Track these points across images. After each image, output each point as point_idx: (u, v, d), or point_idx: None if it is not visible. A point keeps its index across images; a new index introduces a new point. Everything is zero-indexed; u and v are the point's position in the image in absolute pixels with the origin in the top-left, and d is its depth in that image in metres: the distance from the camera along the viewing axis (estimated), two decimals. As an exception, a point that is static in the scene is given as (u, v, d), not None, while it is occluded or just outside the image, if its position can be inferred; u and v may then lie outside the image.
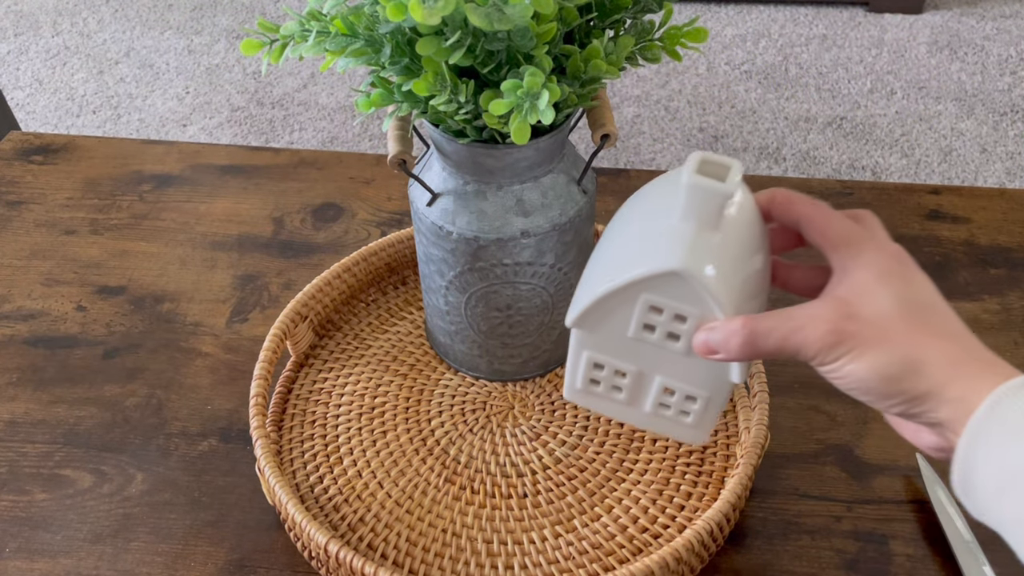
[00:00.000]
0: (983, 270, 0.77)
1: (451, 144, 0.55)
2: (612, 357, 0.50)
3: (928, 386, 0.39)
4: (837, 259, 0.43)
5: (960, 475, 0.39)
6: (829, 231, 0.44)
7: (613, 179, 0.87)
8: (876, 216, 0.45)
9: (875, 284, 0.41)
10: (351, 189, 0.87)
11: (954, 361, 0.39)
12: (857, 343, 0.40)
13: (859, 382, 0.40)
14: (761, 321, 0.42)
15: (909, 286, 0.42)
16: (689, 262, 0.42)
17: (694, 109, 2.02)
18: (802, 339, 0.41)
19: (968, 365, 0.39)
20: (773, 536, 0.59)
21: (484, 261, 0.58)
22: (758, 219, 0.47)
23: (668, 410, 0.51)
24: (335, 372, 0.68)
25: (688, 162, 0.43)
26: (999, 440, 0.37)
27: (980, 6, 2.30)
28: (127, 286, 0.77)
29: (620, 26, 0.53)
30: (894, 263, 0.42)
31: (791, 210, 0.46)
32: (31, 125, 2.05)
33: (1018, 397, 0.37)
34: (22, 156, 0.92)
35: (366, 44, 0.49)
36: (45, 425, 0.67)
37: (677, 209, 0.43)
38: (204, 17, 2.39)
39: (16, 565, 0.58)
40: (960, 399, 0.38)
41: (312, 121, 2.02)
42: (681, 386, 0.49)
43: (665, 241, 0.44)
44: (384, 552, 0.57)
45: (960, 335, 0.41)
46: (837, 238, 0.43)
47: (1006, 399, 0.37)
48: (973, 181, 1.81)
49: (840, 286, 0.42)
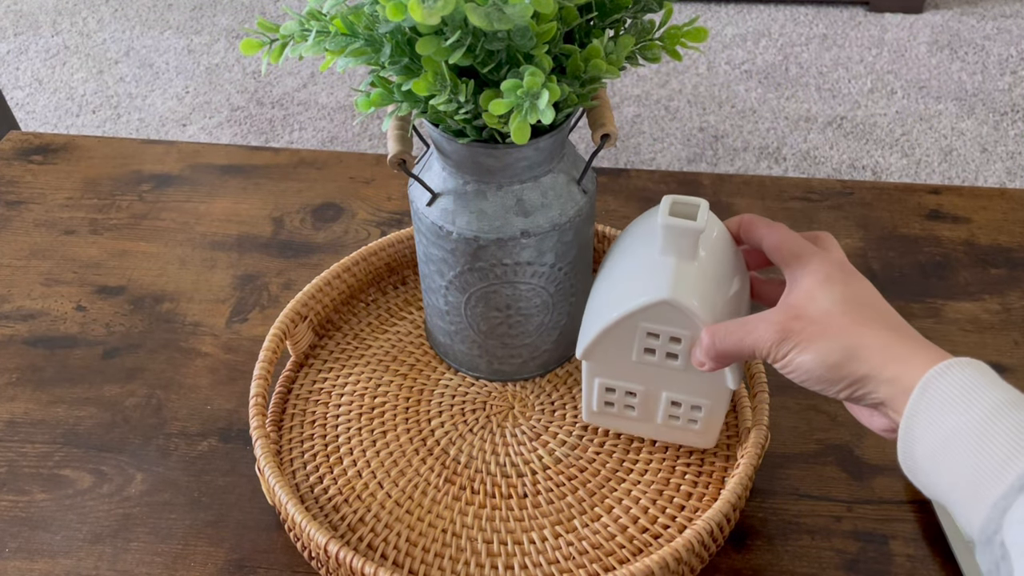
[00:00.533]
0: (983, 270, 0.77)
1: (451, 144, 0.54)
2: (621, 380, 0.57)
3: (866, 369, 0.44)
4: (789, 272, 0.50)
5: (903, 453, 0.43)
6: (783, 248, 0.51)
7: (613, 179, 0.87)
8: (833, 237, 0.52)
9: (818, 288, 0.47)
10: (351, 189, 0.87)
11: (888, 345, 0.44)
12: (802, 338, 0.46)
13: (807, 372, 0.46)
14: (720, 327, 0.49)
15: (848, 287, 0.48)
16: (674, 291, 0.50)
17: (694, 109, 2.02)
18: (755, 339, 0.47)
19: (900, 347, 0.44)
20: (773, 536, 0.59)
21: (484, 261, 0.58)
22: (730, 244, 0.55)
23: (677, 421, 0.59)
24: (335, 372, 0.68)
25: (661, 205, 0.50)
26: (932, 416, 0.41)
27: (980, 6, 2.30)
28: (127, 286, 0.77)
29: (620, 26, 0.53)
30: (836, 270, 0.48)
31: (754, 233, 0.53)
32: (31, 125, 2.05)
33: (945, 376, 0.42)
34: (22, 156, 0.92)
35: (366, 44, 0.49)
36: (45, 425, 0.67)
37: (657, 247, 0.51)
38: (204, 17, 2.39)
39: (16, 565, 0.58)
40: (895, 379, 0.43)
41: (312, 121, 2.02)
42: (685, 398, 0.57)
43: (652, 276, 0.51)
44: (384, 552, 0.57)
45: (897, 326, 0.46)
46: (789, 254, 0.50)
47: (936, 379, 0.42)
48: (973, 181, 1.81)
49: (791, 294, 0.49)
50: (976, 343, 0.70)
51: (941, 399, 0.41)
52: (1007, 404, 0.40)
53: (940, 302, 0.74)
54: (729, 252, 0.54)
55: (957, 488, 0.40)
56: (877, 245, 0.79)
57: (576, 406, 0.65)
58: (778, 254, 0.51)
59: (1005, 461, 0.38)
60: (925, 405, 0.42)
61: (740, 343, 0.48)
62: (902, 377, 0.43)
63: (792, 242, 0.51)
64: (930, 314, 0.73)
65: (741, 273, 0.55)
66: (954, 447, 0.40)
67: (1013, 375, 0.68)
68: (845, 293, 0.47)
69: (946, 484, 0.41)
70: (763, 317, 0.48)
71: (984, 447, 0.39)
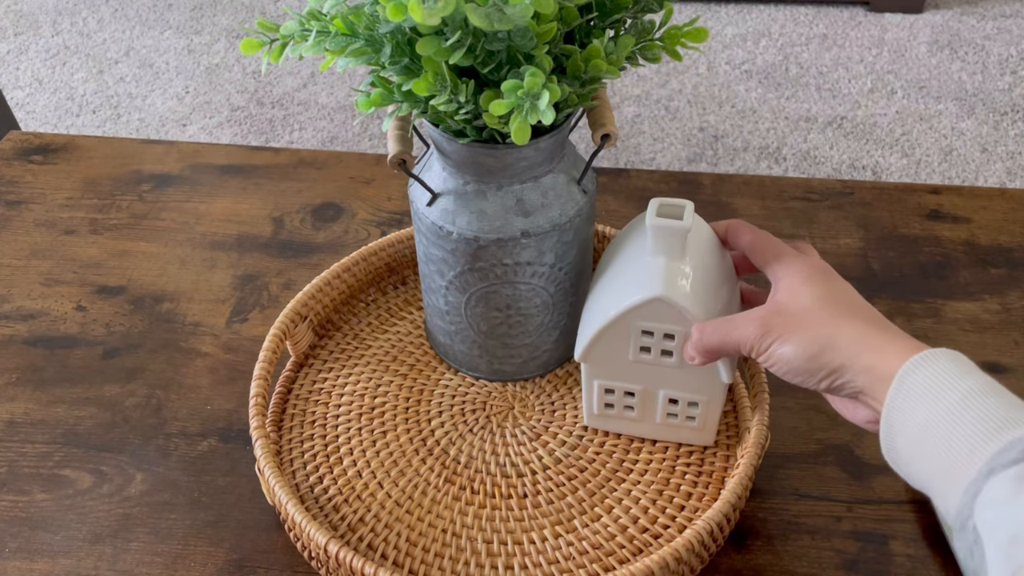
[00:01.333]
0: (983, 270, 0.77)
1: (451, 144, 0.54)
2: (619, 381, 0.59)
3: (843, 359, 0.46)
4: (771, 272, 0.53)
5: (886, 445, 0.44)
6: (767, 252, 0.53)
7: (613, 179, 0.87)
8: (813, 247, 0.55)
9: (799, 285, 0.50)
10: (351, 189, 0.87)
11: (863, 336, 0.46)
12: (783, 331, 0.48)
13: (787, 363, 0.48)
14: (709, 323, 0.52)
15: (828, 285, 0.50)
16: (666, 288, 0.52)
17: (694, 109, 2.02)
18: (740, 334, 0.50)
19: (875, 338, 0.46)
20: (773, 536, 0.59)
21: (484, 261, 0.58)
22: (716, 244, 0.57)
23: (676, 419, 0.60)
24: (335, 372, 0.68)
25: (649, 207, 0.53)
26: (910, 406, 0.43)
27: (980, 6, 2.30)
28: (127, 286, 0.77)
29: (620, 26, 0.53)
30: (816, 271, 0.51)
31: (740, 237, 0.56)
32: (31, 125, 2.05)
33: (921, 368, 0.43)
34: (22, 156, 0.92)
35: (366, 44, 0.49)
36: (45, 425, 0.67)
37: (647, 248, 0.53)
38: (204, 17, 2.39)
39: (16, 565, 0.58)
40: (871, 367, 0.45)
41: (312, 121, 2.02)
42: (682, 395, 0.58)
43: (644, 275, 0.53)
44: (384, 552, 0.57)
45: (873, 319, 0.48)
46: (771, 256, 0.53)
47: (913, 370, 0.43)
48: (973, 181, 1.81)
49: (775, 294, 0.51)
50: (976, 343, 0.70)
51: (918, 390, 0.43)
52: (978, 392, 0.41)
53: (940, 302, 0.74)
54: (715, 250, 0.57)
55: (934, 476, 0.42)
56: (877, 245, 0.79)
57: (576, 406, 0.65)
58: (760, 256, 0.54)
59: (974, 447, 0.40)
60: (903, 396, 0.43)
61: (726, 337, 0.51)
62: (878, 366, 0.44)
63: (774, 245, 0.54)
64: (930, 314, 0.73)
65: (727, 269, 0.57)
66: (929, 436, 0.41)
67: (1013, 375, 0.68)
68: (824, 291, 0.49)
69: (925, 473, 0.42)
70: (748, 314, 0.50)
71: (955, 434, 0.40)
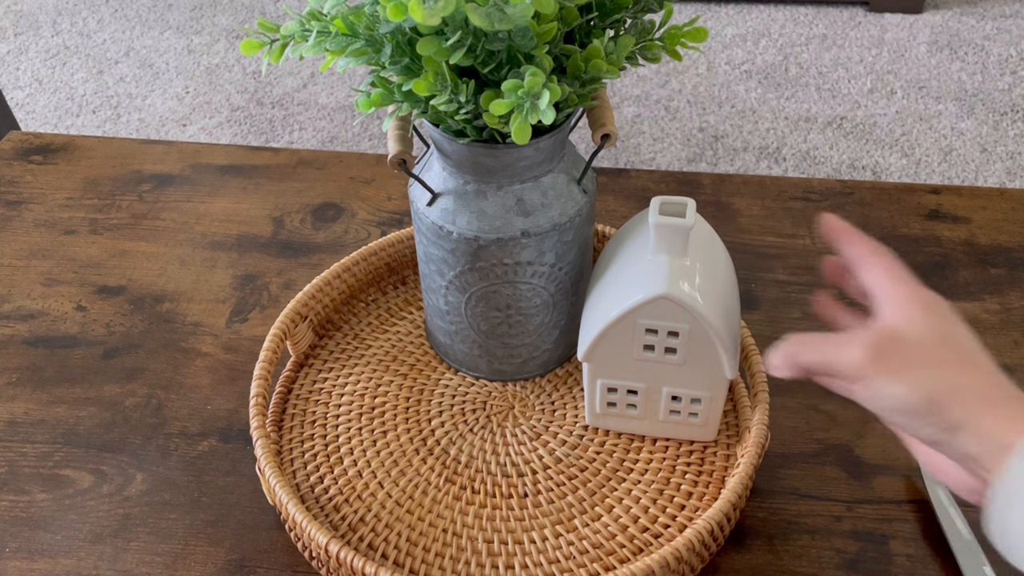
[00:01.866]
0: (983, 270, 0.77)
1: (451, 144, 0.55)
2: (622, 380, 0.59)
3: (962, 415, 0.40)
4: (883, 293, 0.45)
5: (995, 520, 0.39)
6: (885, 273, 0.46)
7: (613, 179, 0.87)
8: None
9: (920, 313, 0.43)
10: (351, 189, 0.87)
11: (990, 396, 0.40)
12: (897, 364, 0.42)
13: (896, 401, 0.41)
14: (807, 338, 0.45)
15: (951, 325, 0.44)
16: (671, 286, 0.52)
17: (694, 109, 2.02)
18: (846, 358, 0.43)
19: (1004, 403, 0.40)
20: (773, 536, 0.59)
21: (484, 261, 0.58)
22: (717, 242, 0.57)
23: (678, 415, 0.60)
24: (335, 372, 0.68)
25: (651, 205, 0.52)
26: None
27: (980, 6, 2.30)
28: (127, 286, 0.77)
29: (620, 26, 0.53)
30: (936, 304, 0.44)
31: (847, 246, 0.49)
32: (31, 125, 2.05)
33: None
34: (22, 156, 0.92)
35: (366, 44, 0.49)
36: (45, 425, 0.67)
37: (650, 246, 0.53)
38: (204, 17, 2.39)
39: (16, 565, 0.58)
40: (993, 433, 0.39)
41: (312, 121, 2.02)
42: (685, 391, 0.58)
43: (648, 273, 0.53)
44: (384, 552, 0.57)
45: (995, 374, 0.42)
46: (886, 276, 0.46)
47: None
48: (973, 181, 1.81)
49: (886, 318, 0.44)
50: (976, 343, 0.70)
51: None
52: None
53: (940, 302, 0.74)
54: (716, 247, 0.57)
55: None
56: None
57: (576, 405, 0.65)
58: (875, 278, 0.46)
59: None
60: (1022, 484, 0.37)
61: (827, 358, 0.44)
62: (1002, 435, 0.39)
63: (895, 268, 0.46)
64: (930, 314, 0.73)
65: (727, 266, 0.57)
66: None
67: (1013, 375, 0.68)
68: (947, 329, 0.43)
69: None
70: (854, 334, 0.44)
71: None
